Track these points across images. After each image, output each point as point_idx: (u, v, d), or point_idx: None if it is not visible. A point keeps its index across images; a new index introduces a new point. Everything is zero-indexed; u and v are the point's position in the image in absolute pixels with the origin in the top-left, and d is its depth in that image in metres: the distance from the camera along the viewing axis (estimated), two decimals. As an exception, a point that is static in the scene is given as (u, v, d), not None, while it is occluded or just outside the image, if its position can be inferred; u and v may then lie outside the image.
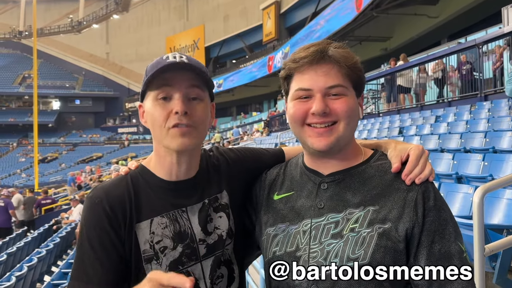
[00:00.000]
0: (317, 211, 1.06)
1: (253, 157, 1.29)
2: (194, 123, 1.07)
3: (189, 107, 1.06)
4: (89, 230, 1.06)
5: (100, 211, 1.06)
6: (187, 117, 1.05)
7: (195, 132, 1.08)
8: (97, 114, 62.07)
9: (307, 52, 1.05)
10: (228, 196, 1.19)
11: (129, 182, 1.12)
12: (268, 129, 21.75)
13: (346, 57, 1.05)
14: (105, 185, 1.12)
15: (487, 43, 9.35)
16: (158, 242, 1.08)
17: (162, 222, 1.09)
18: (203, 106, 1.10)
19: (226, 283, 1.16)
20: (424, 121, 8.99)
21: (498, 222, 3.12)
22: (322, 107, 1.02)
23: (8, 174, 44.03)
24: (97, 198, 1.08)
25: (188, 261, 1.10)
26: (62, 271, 6.07)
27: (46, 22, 57.99)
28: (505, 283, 2.52)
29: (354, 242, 0.99)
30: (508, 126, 6.09)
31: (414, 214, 0.98)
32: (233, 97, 41.81)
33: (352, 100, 1.06)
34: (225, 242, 1.16)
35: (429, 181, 1.03)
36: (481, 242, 2.08)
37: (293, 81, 1.08)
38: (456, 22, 20.16)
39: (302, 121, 1.06)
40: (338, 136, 1.04)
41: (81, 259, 1.05)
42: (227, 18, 44.80)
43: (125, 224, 1.07)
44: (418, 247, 0.98)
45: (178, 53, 1.11)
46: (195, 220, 1.13)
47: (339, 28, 21.99)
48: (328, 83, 1.03)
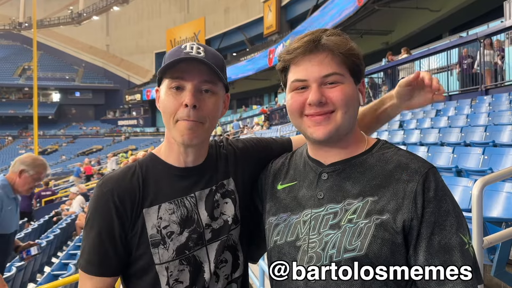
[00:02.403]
0: (317, 202, 1.06)
1: (261, 146, 1.30)
2: (202, 118, 1.09)
3: (200, 100, 1.08)
4: (96, 218, 1.10)
5: (109, 201, 1.09)
6: (196, 111, 1.07)
7: (201, 128, 1.10)
8: (97, 107, 62.03)
9: (300, 43, 1.04)
10: (234, 183, 1.22)
11: (138, 170, 1.15)
12: (268, 123, 21.73)
13: (339, 44, 1.03)
14: (114, 174, 1.14)
15: (488, 37, 9.32)
16: (165, 227, 1.10)
17: (169, 208, 1.12)
18: (215, 99, 1.11)
19: (230, 269, 1.18)
20: (425, 115, 8.99)
21: (497, 215, 3.13)
22: (317, 97, 1.02)
23: (8, 165, 44.12)
24: (106, 187, 1.10)
25: (194, 246, 1.12)
26: (62, 262, 6.09)
27: (46, 14, 57.76)
28: (503, 275, 2.53)
29: (351, 233, 0.98)
30: (508, 120, 6.09)
31: (413, 205, 0.96)
32: (233, 90, 41.76)
33: (349, 88, 1.04)
34: (230, 227, 1.17)
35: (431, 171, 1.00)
36: (480, 234, 2.09)
37: (290, 73, 1.07)
38: (458, 16, 20.09)
39: (300, 112, 1.06)
40: (336, 124, 1.03)
41: (85, 240, 1.11)
42: (227, 10, 44.63)
43: (133, 210, 1.10)
44: (417, 239, 0.96)
45: (198, 43, 1.13)
46: (202, 206, 1.15)
47: (340, 21, 21.89)
48: (323, 72, 1.02)
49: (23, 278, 5.89)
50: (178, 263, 1.10)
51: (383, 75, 13.50)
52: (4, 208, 2.92)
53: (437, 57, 11.59)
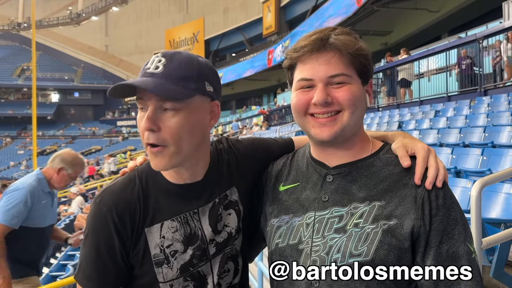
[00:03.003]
0: (321, 204, 1.03)
1: (262, 148, 1.25)
2: (165, 141, 0.98)
3: (159, 122, 0.97)
4: (94, 235, 1.04)
5: (108, 219, 1.03)
6: (155, 135, 0.97)
7: (167, 152, 0.99)
8: (96, 107, 61.96)
9: (308, 41, 1.01)
10: (237, 192, 1.17)
11: (138, 185, 1.07)
12: (267, 123, 21.72)
13: (348, 44, 1.00)
14: (113, 190, 1.06)
15: (487, 38, 9.32)
16: (168, 246, 1.06)
17: (172, 226, 1.06)
18: (180, 117, 0.98)
19: (232, 277, 1.15)
20: (424, 116, 8.99)
21: (496, 216, 3.13)
22: (323, 97, 0.99)
23: (7, 166, 44.02)
24: (105, 206, 1.03)
25: (198, 262, 1.08)
26: (61, 263, 6.09)
27: (45, 14, 57.68)
28: (502, 276, 2.52)
29: (357, 238, 0.96)
30: (507, 121, 6.09)
31: (421, 212, 0.95)
32: (232, 91, 41.73)
33: (356, 88, 1.01)
34: (234, 238, 1.14)
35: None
36: (479, 235, 2.09)
37: (296, 71, 1.05)
38: (456, 16, 20.10)
39: (305, 111, 1.03)
40: (342, 125, 1.00)
41: (84, 256, 1.06)
42: (227, 11, 44.61)
43: (133, 229, 1.04)
44: (426, 247, 0.95)
45: (161, 55, 1.01)
46: (205, 221, 1.10)
47: (339, 22, 21.90)
48: (330, 72, 1.00)
49: (21, 279, 5.86)
50: (182, 280, 1.07)
51: (382, 75, 13.50)
52: (38, 201, 2.91)
53: (436, 58, 11.59)
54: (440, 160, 1.02)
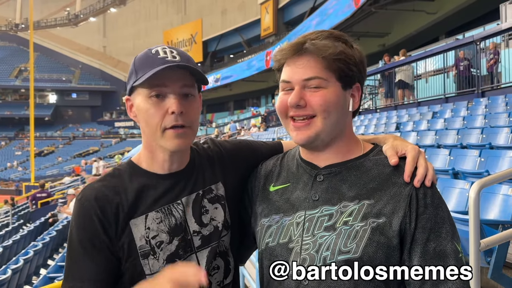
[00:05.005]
0: (311, 203, 1.05)
1: (249, 148, 1.28)
2: (189, 123, 1.08)
3: (185, 106, 1.06)
4: (79, 231, 1.06)
5: (90, 213, 1.05)
6: (183, 117, 1.06)
7: (190, 132, 1.09)
8: (93, 108, 61.88)
9: (289, 45, 1.06)
10: (223, 188, 1.19)
11: (119, 179, 1.11)
12: (265, 124, 21.73)
13: (321, 49, 1.01)
14: (94, 185, 1.10)
15: (484, 40, 9.36)
16: (154, 237, 1.08)
17: (157, 217, 1.09)
18: (196, 102, 1.11)
19: (222, 275, 1.16)
20: (421, 117, 9.01)
21: (494, 217, 3.13)
22: (295, 99, 1.02)
23: (4, 167, 43.90)
24: (86, 200, 1.06)
25: (184, 254, 1.10)
26: (58, 264, 6.08)
27: (42, 15, 57.59)
28: (500, 278, 2.53)
29: (346, 235, 0.98)
30: (504, 123, 6.11)
31: (408, 210, 0.97)
32: (230, 92, 41.74)
33: (332, 93, 1.03)
34: (221, 233, 1.15)
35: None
36: (477, 237, 2.09)
37: (282, 73, 1.09)
38: (454, 18, 20.18)
39: (285, 113, 1.07)
40: (316, 130, 1.03)
41: (73, 259, 1.06)
42: (225, 12, 44.62)
43: (117, 222, 1.06)
44: (412, 244, 0.96)
45: (168, 46, 1.11)
46: (189, 212, 1.12)
47: (337, 24, 21.94)
48: (305, 75, 1.03)
49: (18, 280, 5.87)
50: None
51: (380, 77, 13.53)
52: None
53: (434, 60, 11.62)
54: (429, 162, 1.04)
